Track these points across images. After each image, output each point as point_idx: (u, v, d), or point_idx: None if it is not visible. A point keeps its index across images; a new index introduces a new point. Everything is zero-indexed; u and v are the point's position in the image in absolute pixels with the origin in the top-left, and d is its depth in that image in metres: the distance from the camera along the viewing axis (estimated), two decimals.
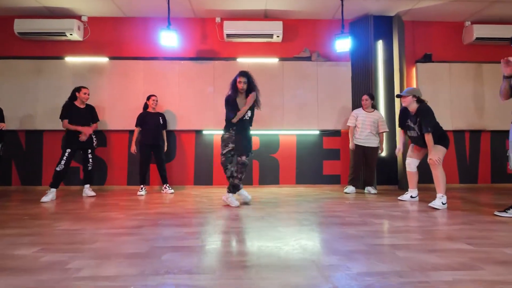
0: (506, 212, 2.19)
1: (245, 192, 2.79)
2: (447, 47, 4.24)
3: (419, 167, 2.95)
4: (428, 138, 2.60)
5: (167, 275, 1.13)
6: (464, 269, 1.18)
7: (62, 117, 3.17)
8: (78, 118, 3.20)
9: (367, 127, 3.45)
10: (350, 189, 3.51)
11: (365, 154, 3.49)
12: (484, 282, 1.06)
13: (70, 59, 3.99)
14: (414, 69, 4.20)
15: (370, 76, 3.94)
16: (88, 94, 3.29)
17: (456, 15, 4.10)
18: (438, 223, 2.01)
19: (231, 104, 2.62)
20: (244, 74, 2.61)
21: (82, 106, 3.29)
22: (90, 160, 3.29)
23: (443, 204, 2.54)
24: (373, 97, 3.53)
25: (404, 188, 3.86)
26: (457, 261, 1.26)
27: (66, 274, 1.14)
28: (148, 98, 3.57)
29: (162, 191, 3.62)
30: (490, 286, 1.02)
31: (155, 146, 3.54)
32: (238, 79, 2.60)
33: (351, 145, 3.55)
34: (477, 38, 4.07)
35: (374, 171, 3.53)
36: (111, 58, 4.01)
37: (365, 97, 3.50)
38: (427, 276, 1.11)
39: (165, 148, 3.66)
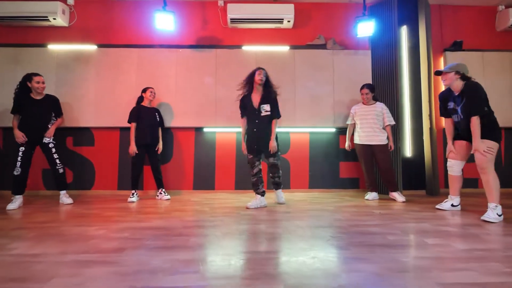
0: None
1: (281, 194, 2.77)
2: (478, 34, 3.77)
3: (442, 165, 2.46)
4: (475, 122, 2.10)
5: None
6: None
7: (13, 111, 2.70)
8: (32, 112, 2.69)
9: (368, 122, 2.99)
10: (373, 195, 3.04)
11: (374, 153, 3.01)
12: None
13: (53, 47, 3.53)
14: (442, 58, 3.73)
15: (393, 66, 3.47)
16: (43, 83, 2.77)
17: None
18: (510, 243, 1.54)
19: (244, 101, 2.62)
20: (262, 68, 2.59)
21: (39, 97, 2.78)
22: (57, 160, 2.79)
23: (499, 215, 2.06)
24: (374, 89, 3.09)
25: (432, 193, 3.39)
26: None
27: None
28: (145, 90, 3.11)
29: (157, 197, 3.15)
30: None
31: (150, 146, 3.09)
32: (257, 71, 2.55)
33: (346, 145, 3.14)
34: None
35: (392, 173, 2.97)
36: (100, 46, 3.55)
37: (364, 90, 3.03)
38: None
39: (160, 148, 3.19)
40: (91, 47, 3.54)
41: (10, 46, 3.50)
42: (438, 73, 2.30)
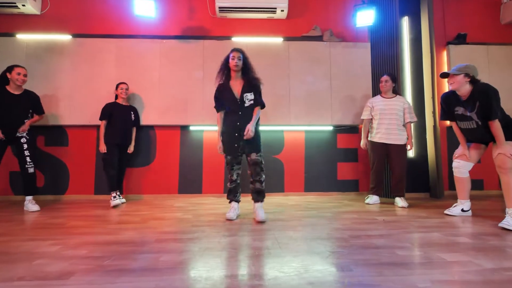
0: None
1: (262, 209, 2.09)
2: (482, 27, 3.56)
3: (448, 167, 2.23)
4: (497, 126, 1.90)
5: None
6: None
7: None
8: (8, 107, 2.45)
9: (387, 118, 2.69)
10: (374, 199, 2.77)
11: (388, 154, 2.73)
12: None
13: (23, 36, 3.19)
14: (445, 52, 3.51)
15: (394, 60, 3.24)
16: (25, 76, 2.50)
17: None
18: None
19: (222, 91, 2.16)
20: (238, 49, 2.13)
21: (17, 92, 2.52)
22: (28, 158, 2.49)
23: None
24: (396, 79, 2.77)
25: (436, 196, 3.16)
26: None
27: None
28: (116, 86, 2.83)
29: (111, 200, 2.82)
30: None
31: (122, 147, 2.83)
32: (231, 55, 2.11)
33: (362, 143, 2.84)
34: None
35: (403, 177, 2.70)
36: (75, 35, 3.23)
37: (384, 78, 2.73)
38: None
39: (131, 149, 2.92)
40: (65, 37, 3.22)
41: None
42: (445, 75, 2.06)
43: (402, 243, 1.54)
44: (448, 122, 3.40)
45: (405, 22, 3.38)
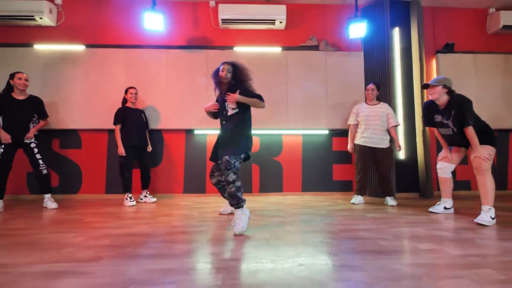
0: None
1: (241, 217, 1.82)
2: (470, 36, 3.77)
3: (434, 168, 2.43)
4: (471, 131, 2.11)
5: None
6: None
7: None
8: (12, 112, 2.62)
9: (371, 123, 2.91)
10: (358, 199, 2.94)
11: (374, 157, 2.94)
12: None
13: (40, 47, 3.43)
14: (434, 60, 3.72)
15: (386, 68, 3.44)
16: (26, 80, 2.69)
17: (479, 0, 3.65)
18: (505, 248, 1.49)
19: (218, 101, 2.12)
20: (229, 62, 2.07)
21: (21, 97, 2.70)
22: (40, 161, 2.69)
23: (492, 219, 2.02)
24: (380, 88, 3.01)
25: (426, 196, 3.35)
26: None
27: None
28: (126, 91, 3.04)
29: (140, 200, 3.05)
30: None
31: (139, 148, 3.01)
32: (221, 67, 2.05)
33: (349, 147, 3.04)
34: (504, 26, 3.62)
35: (390, 178, 2.92)
36: (88, 46, 3.46)
37: (371, 86, 2.95)
38: None
39: (150, 148, 3.13)
40: (79, 47, 3.45)
41: None
42: (425, 86, 2.27)
43: (385, 236, 1.74)
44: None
45: (396, 33, 3.59)
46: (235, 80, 2.03)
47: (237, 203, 1.83)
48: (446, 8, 3.79)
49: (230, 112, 2.00)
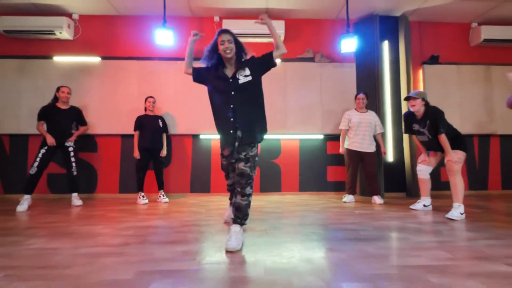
0: None
1: (239, 236, 1.59)
2: (454, 49, 4.09)
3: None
4: (444, 138, 2.42)
5: None
6: None
7: (37, 118, 3.01)
8: (57, 120, 3.00)
9: (362, 129, 3.21)
10: (349, 198, 3.25)
11: (362, 160, 3.25)
12: None
13: (58, 59, 3.75)
14: (420, 71, 4.04)
15: (375, 78, 3.77)
16: (69, 93, 3.09)
17: (462, 16, 3.97)
18: (463, 237, 1.80)
19: (202, 72, 1.73)
20: (225, 30, 1.66)
21: (64, 107, 3.08)
22: (73, 164, 3.04)
23: (461, 214, 2.33)
24: (368, 97, 3.33)
25: (413, 195, 3.65)
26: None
27: None
28: (145, 100, 3.36)
29: (158, 199, 3.36)
30: None
31: (153, 151, 3.30)
32: (218, 38, 1.63)
33: (341, 150, 3.35)
34: (485, 40, 3.94)
35: (377, 178, 3.24)
36: (103, 58, 3.78)
37: (362, 96, 3.26)
38: None
39: (164, 153, 3.39)
40: (95, 59, 3.77)
41: (16, 58, 3.72)
42: (407, 98, 2.59)
43: (367, 227, 2.05)
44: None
45: (385, 45, 3.91)
46: (238, 51, 1.64)
47: (243, 217, 1.62)
48: (432, 23, 4.12)
49: (242, 80, 1.58)
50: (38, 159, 2.88)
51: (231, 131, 1.62)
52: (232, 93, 1.61)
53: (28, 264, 1.34)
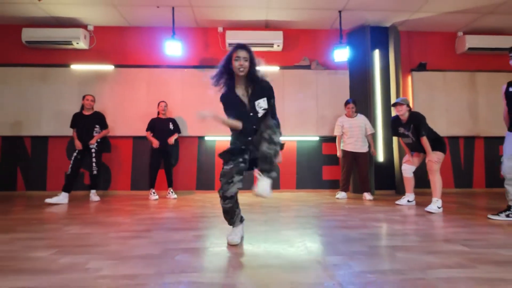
0: (499, 215, 2.29)
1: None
2: (441, 57, 4.40)
3: (415, 173, 3.06)
4: (425, 140, 2.73)
5: (183, 273, 1.20)
6: (459, 267, 1.27)
7: (71, 126, 3.42)
8: (82, 124, 3.37)
9: (354, 133, 3.55)
10: (342, 195, 3.57)
11: (356, 160, 3.59)
12: (477, 279, 1.15)
13: (75, 67, 4.08)
14: (409, 78, 4.35)
15: (367, 84, 4.08)
16: (92, 100, 3.45)
17: (449, 26, 4.28)
18: (435, 226, 2.10)
19: (228, 102, 1.68)
20: (243, 46, 1.59)
21: (88, 113, 3.42)
22: (94, 164, 3.37)
23: (439, 208, 2.64)
24: (356, 103, 3.68)
25: (401, 193, 3.95)
26: (453, 261, 1.35)
27: (87, 274, 1.20)
28: (158, 104, 3.68)
29: (167, 196, 3.68)
30: (482, 283, 1.11)
31: (164, 151, 3.61)
32: (233, 54, 1.57)
33: (338, 153, 3.69)
34: (469, 48, 4.24)
35: (368, 177, 3.57)
36: (116, 66, 4.11)
37: (351, 105, 3.60)
38: (424, 273, 1.20)
39: (172, 141, 3.60)
40: (108, 67, 4.10)
41: (37, 66, 4.05)
42: (395, 104, 2.90)
43: (354, 219, 2.36)
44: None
45: (376, 54, 4.22)
46: (252, 69, 1.58)
47: (270, 169, 1.47)
48: (420, 32, 4.42)
49: (260, 113, 1.60)
50: (72, 162, 3.26)
51: (249, 138, 1.61)
52: (254, 127, 1.59)
53: (72, 244, 1.66)
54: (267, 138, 1.45)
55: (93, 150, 3.37)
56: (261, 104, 1.62)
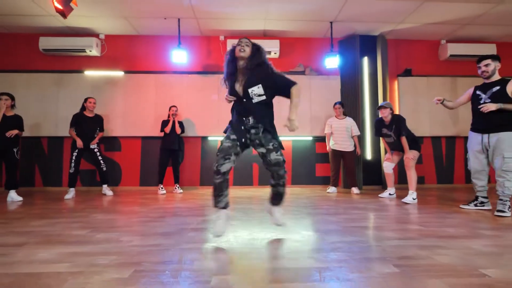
0: (469, 205, 2.67)
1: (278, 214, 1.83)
2: (425, 63, 4.77)
3: (401, 172, 3.43)
4: (404, 140, 3.11)
5: (195, 243, 1.58)
6: (409, 239, 1.65)
7: (70, 125, 3.67)
8: (85, 126, 3.65)
9: (341, 133, 3.95)
10: (332, 189, 3.97)
11: (343, 158, 4.00)
12: (419, 246, 1.52)
13: (88, 73, 4.44)
14: (396, 82, 4.72)
15: (356, 88, 4.44)
16: (94, 103, 3.73)
17: (432, 34, 4.64)
18: (406, 213, 2.48)
19: (228, 79, 1.76)
20: (245, 38, 1.74)
21: (90, 115, 3.73)
22: (101, 161, 3.70)
23: (414, 199, 3.01)
24: (344, 105, 4.09)
25: (387, 188, 4.32)
26: (406, 235, 1.73)
27: (121, 244, 1.58)
28: (169, 108, 4.03)
29: (174, 191, 4.05)
30: (423, 248, 1.49)
31: (172, 151, 3.98)
32: (237, 44, 1.71)
33: (328, 148, 4.09)
34: (451, 55, 4.61)
35: (354, 173, 3.97)
36: (126, 72, 4.47)
37: (338, 106, 4.02)
38: (381, 243, 1.57)
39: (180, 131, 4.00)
40: (119, 73, 4.46)
41: (53, 72, 4.41)
42: (379, 107, 3.28)
43: (338, 209, 2.73)
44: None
45: (365, 61, 4.58)
46: (252, 58, 1.67)
47: (282, 200, 1.78)
48: (406, 40, 4.79)
49: (256, 100, 1.66)
50: (73, 161, 3.55)
51: (244, 121, 1.70)
52: (247, 111, 1.68)
53: (103, 225, 2.03)
54: (279, 183, 1.73)
55: (96, 150, 3.69)
56: (256, 91, 1.66)
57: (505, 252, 1.44)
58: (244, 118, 1.69)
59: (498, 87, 2.43)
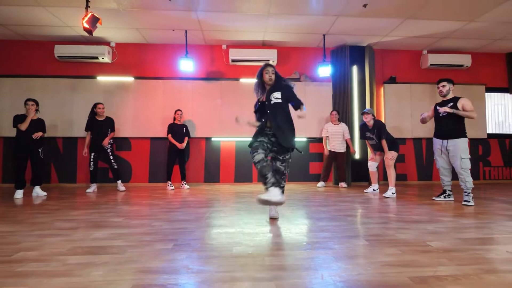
0: (439, 197, 3.17)
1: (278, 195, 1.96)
2: (408, 71, 5.26)
3: (385, 170, 3.92)
4: (384, 143, 3.59)
5: (213, 227, 2.01)
6: (380, 223, 2.12)
7: (86, 129, 4.09)
8: (97, 129, 4.06)
9: (337, 137, 4.49)
10: (321, 183, 4.51)
11: (336, 158, 4.54)
12: (386, 227, 1.99)
13: (101, 78, 4.79)
14: (382, 89, 5.20)
15: (347, 94, 4.91)
16: (103, 108, 4.09)
17: (415, 45, 5.13)
18: (384, 205, 2.96)
19: (256, 106, 2.26)
20: (270, 65, 2.24)
21: (101, 119, 4.11)
22: (112, 160, 4.09)
23: (393, 193, 3.50)
24: (339, 113, 4.63)
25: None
26: (379, 221, 2.20)
27: (155, 228, 2.00)
28: (175, 112, 4.42)
29: (181, 187, 4.46)
30: (389, 229, 1.96)
31: (179, 151, 4.39)
32: (264, 70, 2.21)
33: (325, 151, 4.57)
34: (431, 64, 5.10)
35: (344, 170, 4.54)
36: (136, 77, 4.84)
37: (334, 112, 4.56)
38: (359, 226, 2.04)
39: (183, 146, 4.35)
40: (129, 79, 4.82)
41: (68, 78, 4.74)
42: (363, 113, 3.75)
43: (328, 202, 3.19)
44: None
45: (355, 69, 5.04)
46: (277, 82, 2.19)
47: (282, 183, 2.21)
48: (391, 50, 5.26)
49: (274, 101, 2.12)
50: (91, 160, 3.99)
51: (268, 132, 2.17)
52: (268, 111, 2.14)
53: (132, 215, 2.45)
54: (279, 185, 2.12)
55: (108, 150, 4.08)
56: (275, 95, 2.14)
57: (451, 231, 1.92)
58: (263, 120, 2.17)
59: (451, 103, 2.99)
